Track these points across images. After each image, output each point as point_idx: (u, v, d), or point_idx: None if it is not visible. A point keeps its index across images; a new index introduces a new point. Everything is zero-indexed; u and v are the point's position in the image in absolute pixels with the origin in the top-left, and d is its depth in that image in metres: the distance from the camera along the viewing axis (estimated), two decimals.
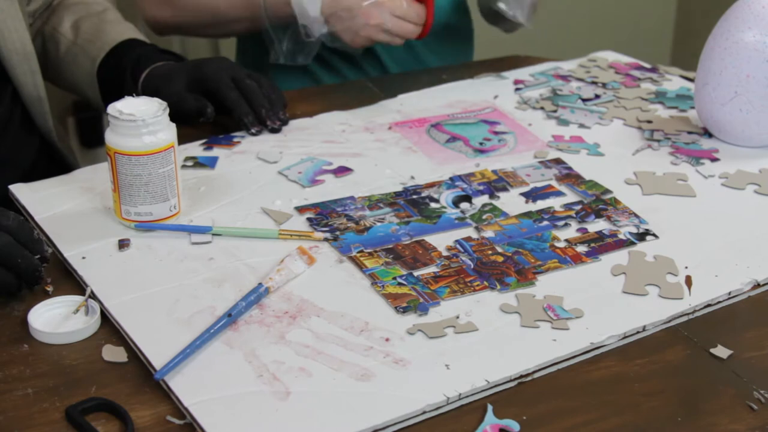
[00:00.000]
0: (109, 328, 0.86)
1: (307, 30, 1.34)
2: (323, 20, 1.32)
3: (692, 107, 1.26)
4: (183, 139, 1.18)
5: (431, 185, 1.09)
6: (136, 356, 0.83)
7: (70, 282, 0.92)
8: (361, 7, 1.30)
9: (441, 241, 0.98)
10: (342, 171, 1.11)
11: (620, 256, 0.97)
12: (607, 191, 1.08)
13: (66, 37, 1.32)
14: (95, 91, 1.30)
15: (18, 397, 0.78)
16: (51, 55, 1.33)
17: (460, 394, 0.78)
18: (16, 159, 1.24)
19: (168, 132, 0.97)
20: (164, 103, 0.98)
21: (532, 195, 1.07)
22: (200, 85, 1.20)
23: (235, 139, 1.18)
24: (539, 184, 1.10)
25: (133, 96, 0.99)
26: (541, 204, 1.06)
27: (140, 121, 0.95)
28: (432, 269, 0.94)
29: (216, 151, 1.15)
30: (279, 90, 1.24)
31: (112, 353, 0.83)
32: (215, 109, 1.19)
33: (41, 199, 1.03)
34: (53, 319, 0.86)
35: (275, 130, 1.20)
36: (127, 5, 1.74)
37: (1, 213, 0.89)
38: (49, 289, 0.91)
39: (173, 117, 0.99)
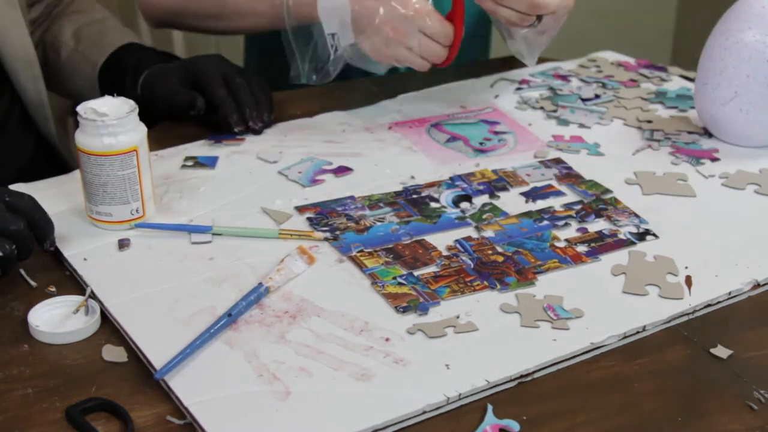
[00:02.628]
0: (109, 328, 0.86)
1: (334, 39, 1.20)
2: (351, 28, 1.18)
3: (692, 107, 1.26)
4: (184, 139, 1.18)
5: (431, 185, 1.09)
6: (136, 356, 0.83)
7: (71, 282, 0.92)
8: (388, 16, 1.14)
9: (441, 240, 0.98)
10: (342, 171, 1.11)
11: (620, 256, 0.97)
12: (607, 191, 1.08)
13: (67, 45, 1.32)
14: (96, 96, 1.31)
15: (18, 397, 0.78)
16: (52, 63, 1.34)
17: (460, 394, 0.78)
18: (13, 158, 1.25)
19: (132, 135, 0.96)
20: (134, 106, 0.97)
21: (532, 195, 1.07)
22: (192, 80, 1.21)
23: (239, 136, 1.18)
24: (539, 184, 1.10)
25: (113, 96, 0.99)
26: (541, 204, 1.06)
27: (100, 121, 0.95)
28: (432, 269, 0.94)
29: (217, 151, 1.15)
30: (269, 91, 1.24)
31: (112, 353, 0.83)
32: (206, 105, 1.19)
33: (41, 199, 1.02)
34: (53, 319, 0.86)
35: (256, 132, 1.19)
36: (127, 12, 1.75)
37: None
38: (52, 289, 0.91)
39: (168, 112, 0.98)
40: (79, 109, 0.96)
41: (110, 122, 0.95)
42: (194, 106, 1.18)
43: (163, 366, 0.79)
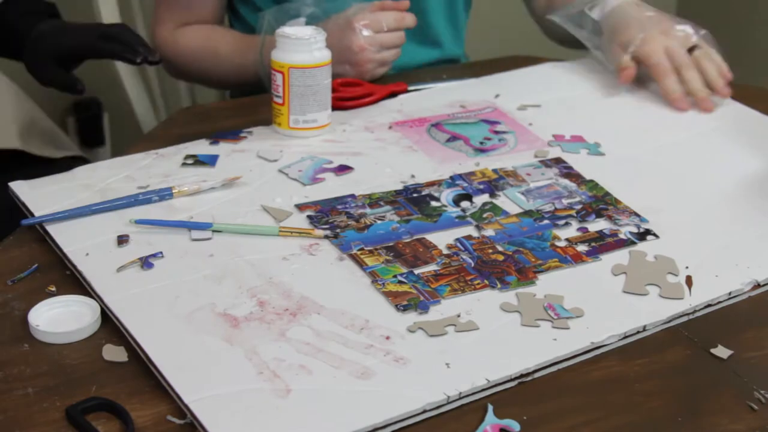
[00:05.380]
0: (110, 328, 0.86)
1: None
2: None
3: None
4: (184, 138, 1.18)
5: (432, 184, 1.09)
6: (136, 356, 0.82)
7: (72, 281, 0.92)
8: (352, 54, 1.28)
9: (441, 239, 0.98)
10: (342, 169, 1.11)
11: (621, 256, 0.97)
12: (607, 194, 1.08)
13: None
14: None
15: (18, 396, 0.78)
16: None
17: (460, 393, 0.78)
18: None
19: (326, 51, 1.15)
20: (319, 29, 1.16)
21: (532, 194, 1.07)
22: (71, 57, 1.25)
23: (242, 134, 1.18)
24: (540, 183, 1.10)
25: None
26: (541, 203, 1.06)
27: (312, 38, 1.13)
28: (432, 267, 0.94)
29: (217, 149, 1.15)
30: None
31: (113, 353, 0.83)
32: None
33: (41, 197, 1.03)
34: (54, 318, 0.86)
35: (154, 62, 1.22)
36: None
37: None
38: (52, 288, 0.91)
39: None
40: (282, 33, 1.14)
41: (318, 38, 1.14)
42: (74, 89, 1.23)
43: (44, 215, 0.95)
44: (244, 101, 1.31)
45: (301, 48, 1.14)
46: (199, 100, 1.79)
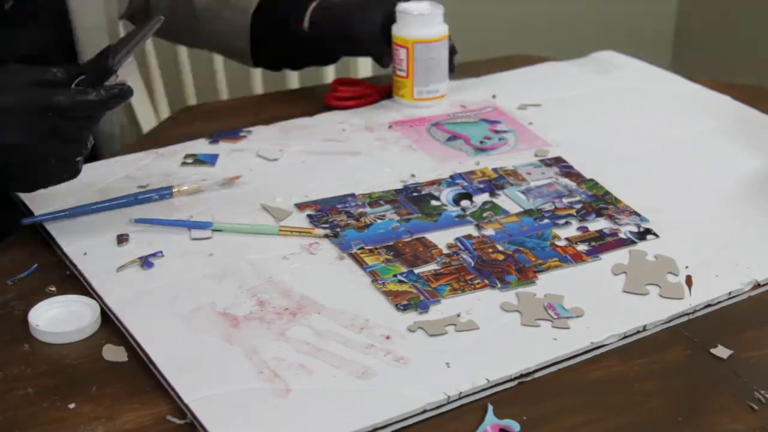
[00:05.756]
0: (110, 328, 0.86)
1: None
2: None
3: None
4: (184, 138, 1.18)
5: (432, 183, 1.09)
6: (136, 355, 0.82)
7: (71, 282, 0.92)
8: None
9: (441, 238, 0.98)
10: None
11: (621, 255, 0.97)
12: (608, 193, 1.08)
13: None
14: (245, 41, 1.32)
15: (18, 396, 0.78)
16: (184, 16, 1.32)
17: (460, 393, 0.78)
18: None
19: (445, 24, 1.23)
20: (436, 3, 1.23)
21: (532, 193, 1.08)
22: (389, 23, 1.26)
23: (241, 134, 1.18)
24: (540, 182, 1.10)
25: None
26: (541, 202, 1.06)
27: (432, 14, 1.21)
28: (432, 267, 0.94)
29: (217, 149, 1.15)
30: None
31: (113, 353, 0.83)
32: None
33: (41, 196, 1.02)
34: (54, 318, 0.86)
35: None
36: None
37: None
38: (52, 288, 0.91)
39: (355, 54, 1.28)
40: (404, 9, 1.20)
41: (438, 13, 1.21)
42: (380, 61, 1.27)
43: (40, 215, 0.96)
44: (244, 101, 1.31)
45: (422, 23, 1.21)
46: (200, 100, 1.79)
